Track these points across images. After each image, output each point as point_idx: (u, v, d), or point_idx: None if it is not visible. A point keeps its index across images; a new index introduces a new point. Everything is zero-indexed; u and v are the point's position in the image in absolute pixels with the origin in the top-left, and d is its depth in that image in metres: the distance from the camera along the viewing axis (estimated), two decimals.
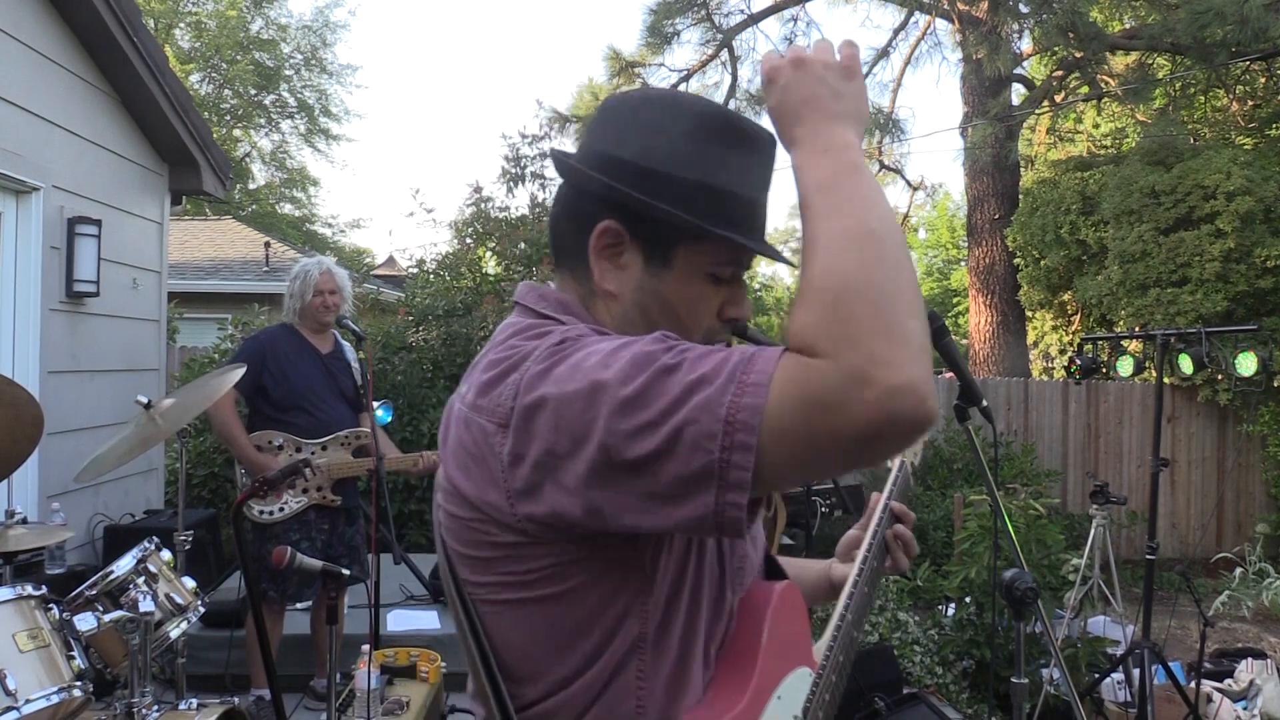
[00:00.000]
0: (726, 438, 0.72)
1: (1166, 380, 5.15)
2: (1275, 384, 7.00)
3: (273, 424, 3.64)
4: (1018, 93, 11.33)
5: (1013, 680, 2.65)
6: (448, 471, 0.95)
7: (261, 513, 3.58)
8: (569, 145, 11.81)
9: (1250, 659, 4.40)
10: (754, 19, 11.26)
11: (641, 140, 0.97)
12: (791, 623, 1.03)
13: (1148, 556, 3.80)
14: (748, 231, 0.98)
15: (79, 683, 2.24)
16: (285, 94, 23.24)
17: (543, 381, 0.83)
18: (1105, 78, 10.14)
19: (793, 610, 1.04)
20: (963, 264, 18.21)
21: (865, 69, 11.02)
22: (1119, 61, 10.43)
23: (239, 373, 3.06)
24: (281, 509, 3.59)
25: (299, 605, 3.93)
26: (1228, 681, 4.31)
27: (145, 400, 2.85)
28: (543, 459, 0.82)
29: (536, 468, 0.83)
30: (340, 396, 3.76)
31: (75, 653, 2.31)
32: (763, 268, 24.42)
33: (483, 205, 7.41)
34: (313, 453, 3.63)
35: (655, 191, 0.94)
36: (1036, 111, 11.03)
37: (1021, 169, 11.03)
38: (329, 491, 3.65)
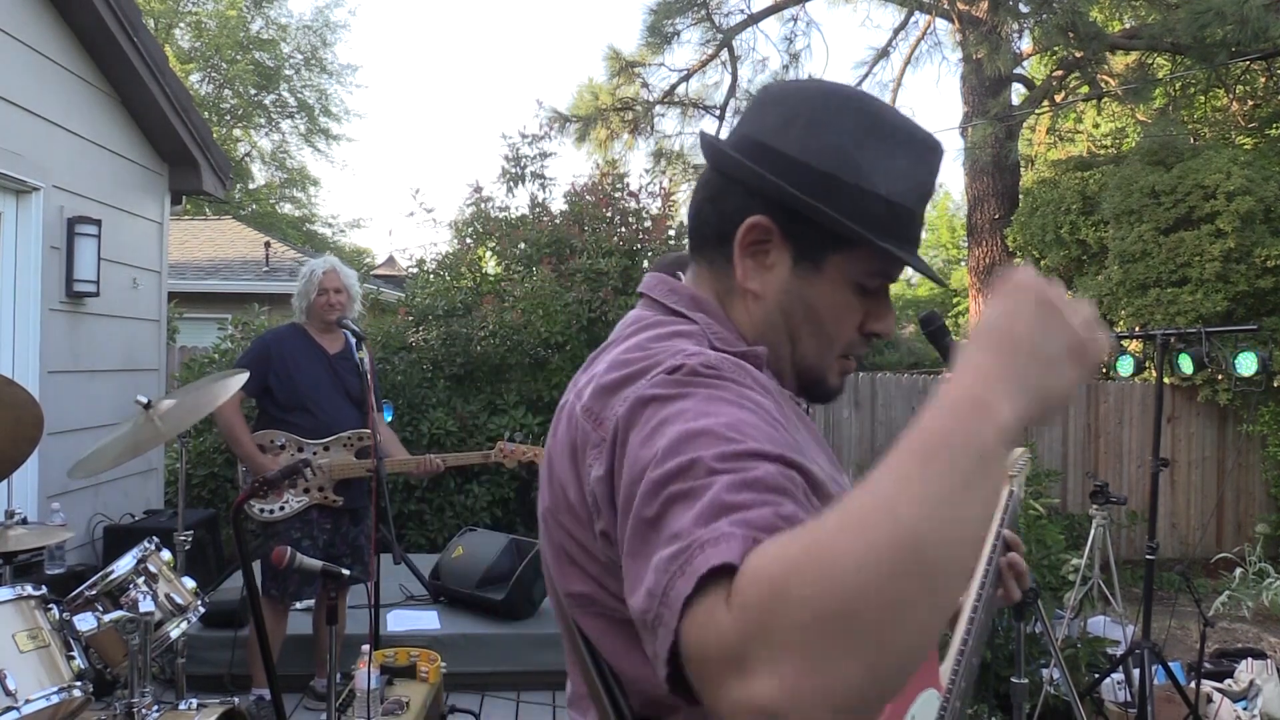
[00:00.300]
0: (660, 609, 0.64)
1: (1166, 380, 5.15)
2: (1275, 384, 7.00)
3: (277, 424, 3.66)
4: (1018, 93, 11.33)
5: (1013, 680, 2.64)
6: (555, 469, 0.90)
7: (262, 511, 3.60)
8: (568, 145, 11.82)
9: (1250, 659, 4.39)
10: (754, 19, 11.26)
11: (806, 135, 0.90)
12: None
13: (1148, 556, 3.80)
14: (904, 243, 0.91)
15: (79, 683, 2.24)
16: (285, 94, 23.25)
17: (637, 420, 0.77)
18: (1105, 78, 10.14)
19: None
20: (963, 264, 18.22)
21: (865, 69, 10.90)
22: (1119, 61, 10.43)
23: (241, 378, 3.06)
24: (282, 508, 3.61)
25: (298, 605, 3.93)
26: (1228, 682, 4.31)
27: (145, 400, 2.85)
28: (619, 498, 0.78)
29: (611, 494, 0.79)
30: (346, 397, 3.76)
31: (75, 653, 2.31)
32: None
33: (483, 205, 7.40)
34: (315, 453, 3.64)
35: (816, 192, 0.88)
36: (1036, 111, 11.03)
37: (1021, 169, 11.02)
38: (331, 492, 3.65)
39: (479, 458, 3.88)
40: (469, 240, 7.30)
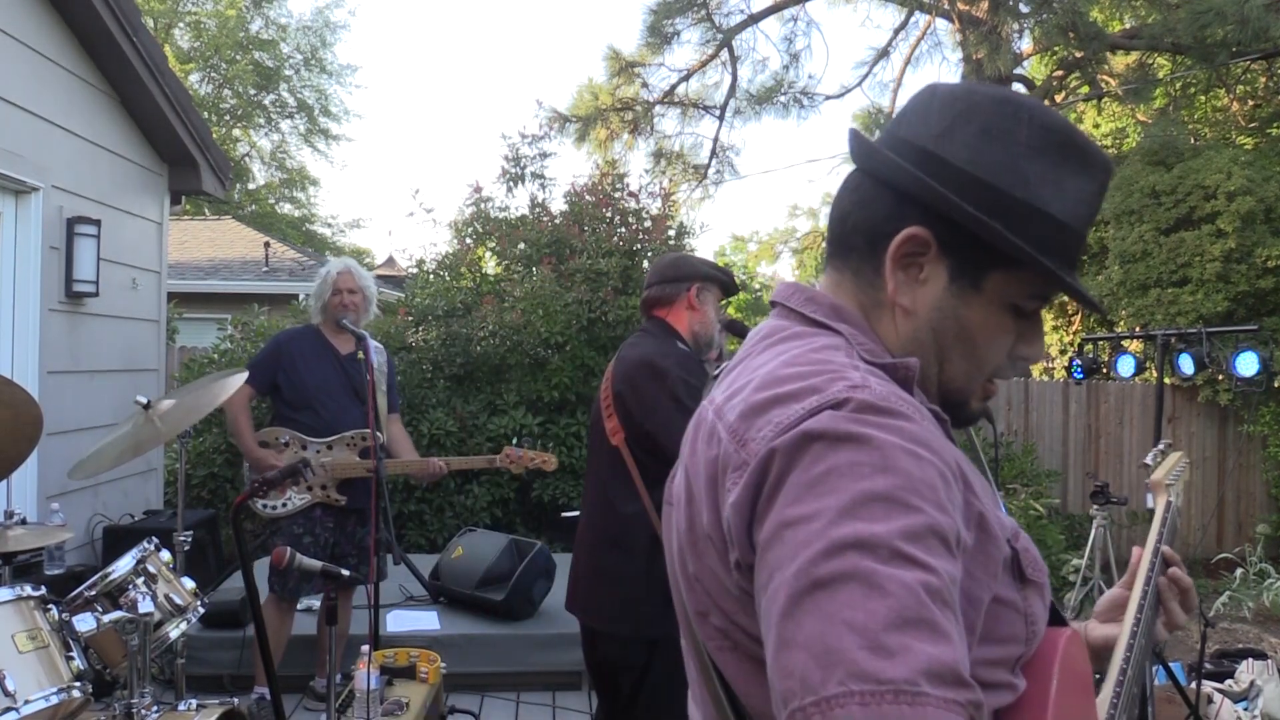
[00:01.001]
0: (810, 710, 0.63)
1: (1167, 380, 5.15)
2: (1275, 384, 7.00)
3: (287, 421, 3.70)
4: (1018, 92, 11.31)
5: None
6: (694, 490, 0.85)
7: (265, 506, 3.64)
8: (567, 145, 11.81)
9: (1251, 659, 4.39)
10: (754, 19, 11.25)
11: (975, 144, 0.84)
12: (1080, 674, 0.90)
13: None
14: (1068, 267, 0.85)
15: (78, 683, 2.24)
16: (285, 94, 23.24)
17: (800, 458, 0.72)
18: (1105, 78, 10.14)
19: (1080, 660, 0.91)
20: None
21: (865, 69, 10.92)
22: (1119, 61, 10.43)
23: (240, 378, 3.10)
24: (285, 504, 3.64)
25: (300, 606, 3.93)
26: (1228, 682, 4.31)
27: (144, 401, 2.84)
28: (763, 535, 0.74)
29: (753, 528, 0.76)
30: (355, 397, 3.77)
31: (74, 653, 2.31)
32: (763, 267, 24.42)
33: (482, 205, 7.40)
34: (318, 451, 3.66)
35: (982, 206, 0.82)
36: None
37: None
38: (333, 491, 3.67)
39: (484, 462, 3.87)
40: (469, 240, 7.30)
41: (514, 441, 3.91)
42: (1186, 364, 4.46)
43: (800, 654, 0.64)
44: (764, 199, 57.44)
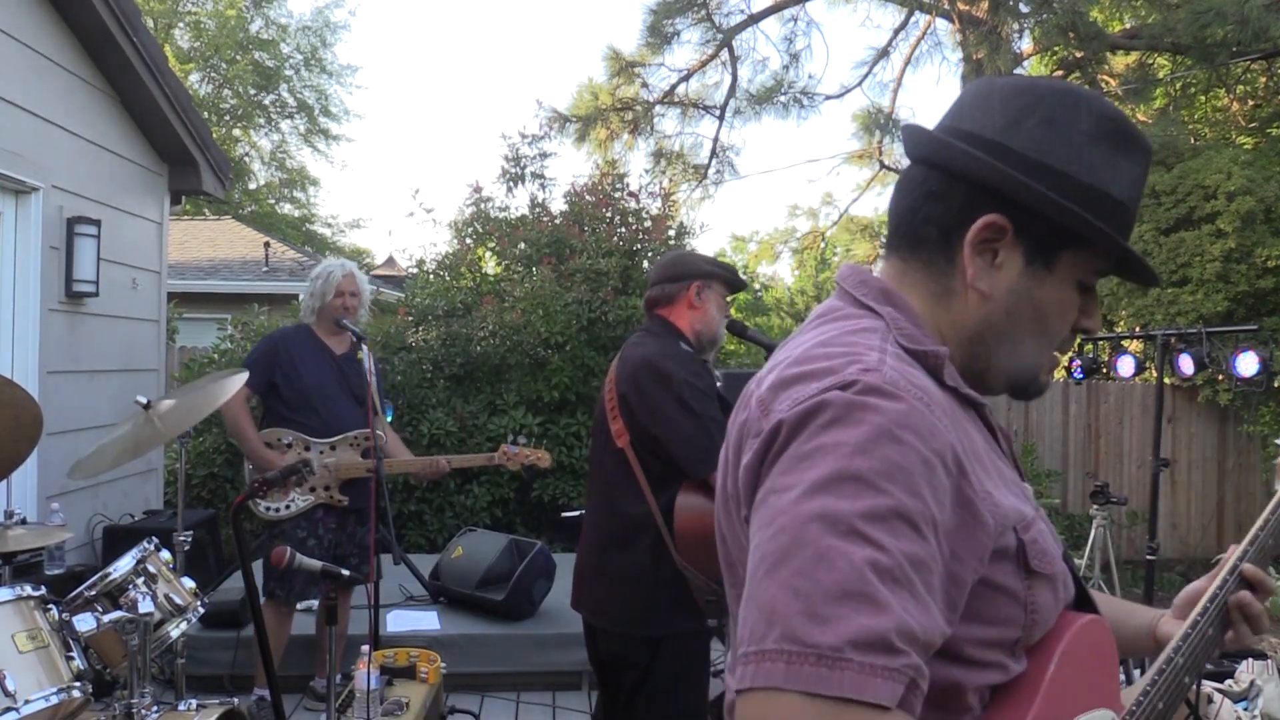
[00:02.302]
0: (752, 660, 0.72)
1: (1167, 380, 5.15)
2: (1275, 384, 7.00)
3: (285, 422, 3.67)
4: None
5: None
6: (728, 450, 0.92)
7: (268, 509, 3.61)
8: (567, 145, 11.81)
9: (1251, 659, 4.39)
10: (754, 19, 11.25)
11: (1040, 133, 0.89)
12: (1093, 660, 0.92)
13: (1148, 557, 3.79)
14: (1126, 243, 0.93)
15: (78, 683, 2.24)
16: (285, 94, 23.22)
17: (800, 431, 0.79)
18: (1105, 78, 10.14)
19: (1096, 647, 0.93)
20: None
21: (865, 69, 10.90)
22: (1119, 61, 10.43)
23: (241, 378, 3.05)
24: (287, 506, 3.61)
25: (300, 606, 3.93)
26: (1228, 682, 4.30)
27: (144, 400, 2.84)
28: (763, 492, 0.80)
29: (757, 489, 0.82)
30: (352, 397, 3.77)
31: (74, 653, 2.31)
32: (763, 267, 24.43)
33: (482, 205, 7.40)
34: (321, 452, 3.65)
35: (1057, 192, 0.87)
36: None
37: None
38: (336, 491, 3.66)
39: (483, 460, 3.88)
40: (469, 240, 7.30)
41: (510, 439, 3.92)
42: (1186, 364, 4.46)
43: (754, 609, 0.73)
44: (764, 199, 57.43)
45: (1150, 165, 0.95)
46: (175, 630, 2.60)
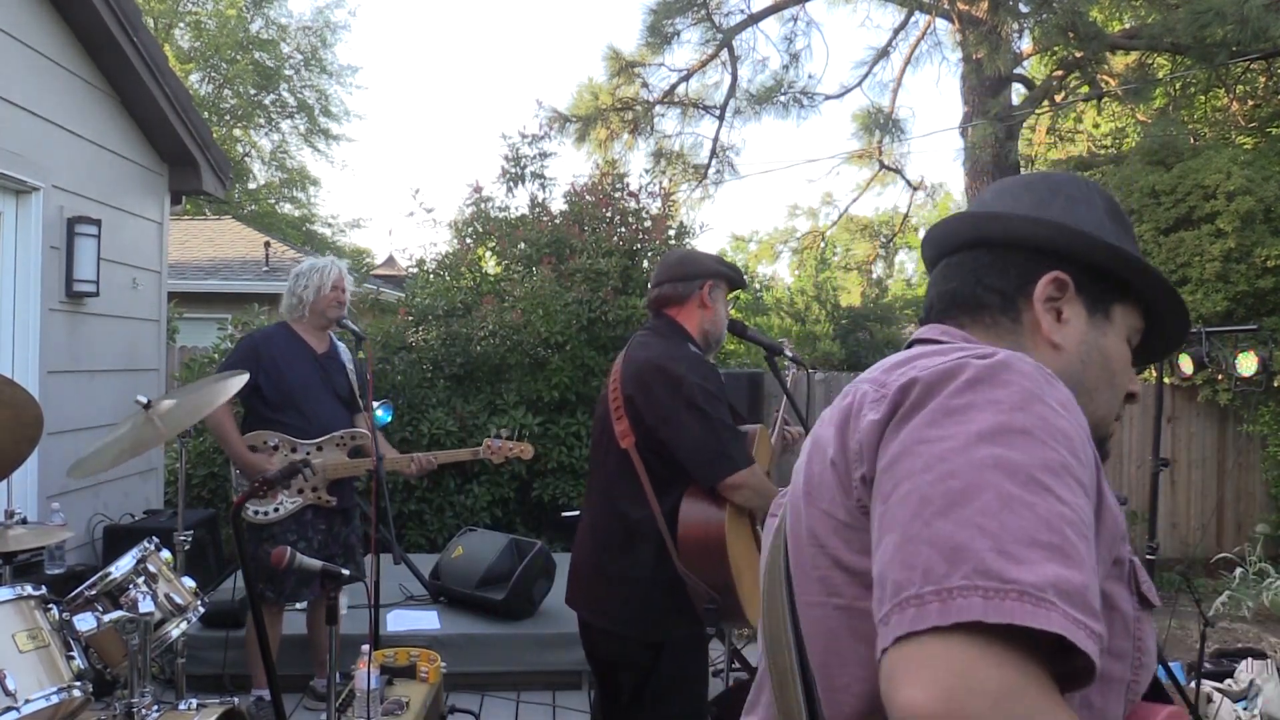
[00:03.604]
0: (931, 599, 0.64)
1: (1166, 380, 5.15)
2: (1275, 384, 6.99)
3: (267, 424, 3.61)
4: (1018, 93, 11.32)
5: None
6: (813, 457, 0.89)
7: (256, 513, 3.56)
8: (567, 145, 11.80)
9: (1250, 659, 4.39)
10: (754, 19, 11.25)
11: (1069, 210, 0.99)
12: None
13: (1148, 556, 3.80)
14: None
15: (79, 683, 2.24)
16: (285, 94, 23.22)
17: (943, 385, 0.76)
18: (1105, 78, 10.14)
19: None
20: None
21: (865, 69, 10.91)
22: (1119, 61, 10.43)
23: (241, 379, 3.01)
24: (276, 509, 3.58)
25: (296, 605, 3.93)
26: (1228, 682, 4.31)
27: (145, 400, 2.84)
28: (900, 448, 0.75)
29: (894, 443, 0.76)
30: (335, 397, 3.75)
31: (75, 653, 2.31)
32: (762, 267, 24.43)
33: (483, 205, 7.40)
34: (308, 453, 3.62)
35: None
36: (1036, 111, 11.03)
37: (1021, 169, 11.02)
38: (324, 492, 3.64)
39: (468, 454, 3.87)
40: (469, 240, 7.30)
41: (493, 433, 3.93)
42: (1186, 364, 4.47)
43: (926, 548, 0.65)
44: (764, 199, 57.43)
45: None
46: (175, 630, 2.60)
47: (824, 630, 0.83)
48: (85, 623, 2.40)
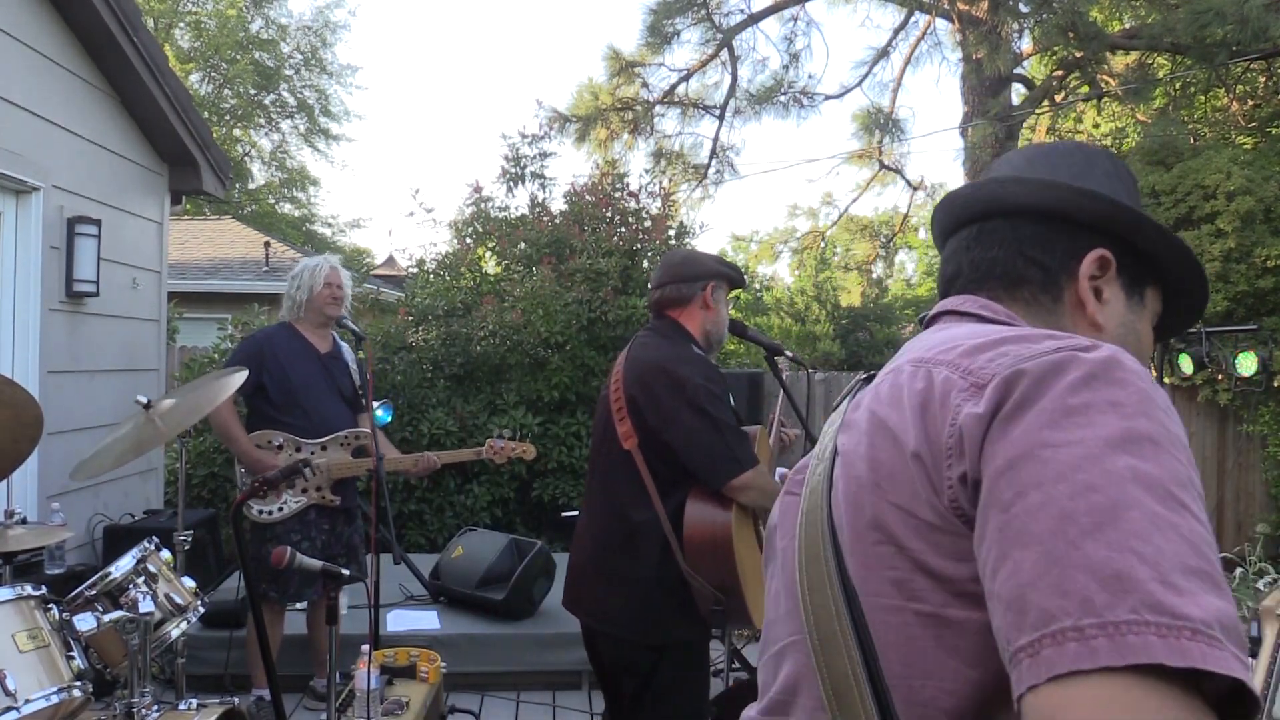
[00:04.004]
0: (1094, 634, 0.59)
1: (1166, 380, 5.15)
2: (1275, 384, 7.00)
3: (271, 423, 3.62)
4: (1018, 93, 11.33)
5: None
6: (877, 438, 0.81)
7: (261, 512, 3.57)
8: (567, 145, 11.80)
9: (1251, 659, 4.39)
10: (754, 19, 11.26)
11: (1108, 184, 0.96)
12: None
13: None
14: None
15: (79, 683, 2.24)
16: (285, 94, 23.23)
17: (1056, 378, 0.70)
18: (1105, 78, 10.14)
19: None
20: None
21: (865, 69, 10.92)
22: (1119, 61, 10.43)
23: (241, 376, 3.01)
24: (280, 509, 3.58)
25: (297, 605, 3.93)
26: None
27: (145, 400, 2.84)
28: (1016, 455, 0.68)
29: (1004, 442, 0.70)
30: (339, 396, 3.76)
31: (75, 653, 2.31)
32: (762, 267, 24.44)
33: (483, 205, 7.40)
34: (312, 452, 3.62)
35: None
36: (1036, 111, 11.03)
37: None
38: (328, 491, 3.64)
39: (470, 454, 3.88)
40: (469, 240, 7.31)
41: (495, 434, 3.93)
42: (1186, 363, 4.46)
43: (1080, 574, 0.60)
44: (764, 199, 57.45)
45: None
46: (175, 630, 2.60)
47: (902, 638, 0.76)
48: (85, 623, 2.40)
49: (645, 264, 6.73)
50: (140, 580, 2.53)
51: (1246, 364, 4.89)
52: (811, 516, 0.87)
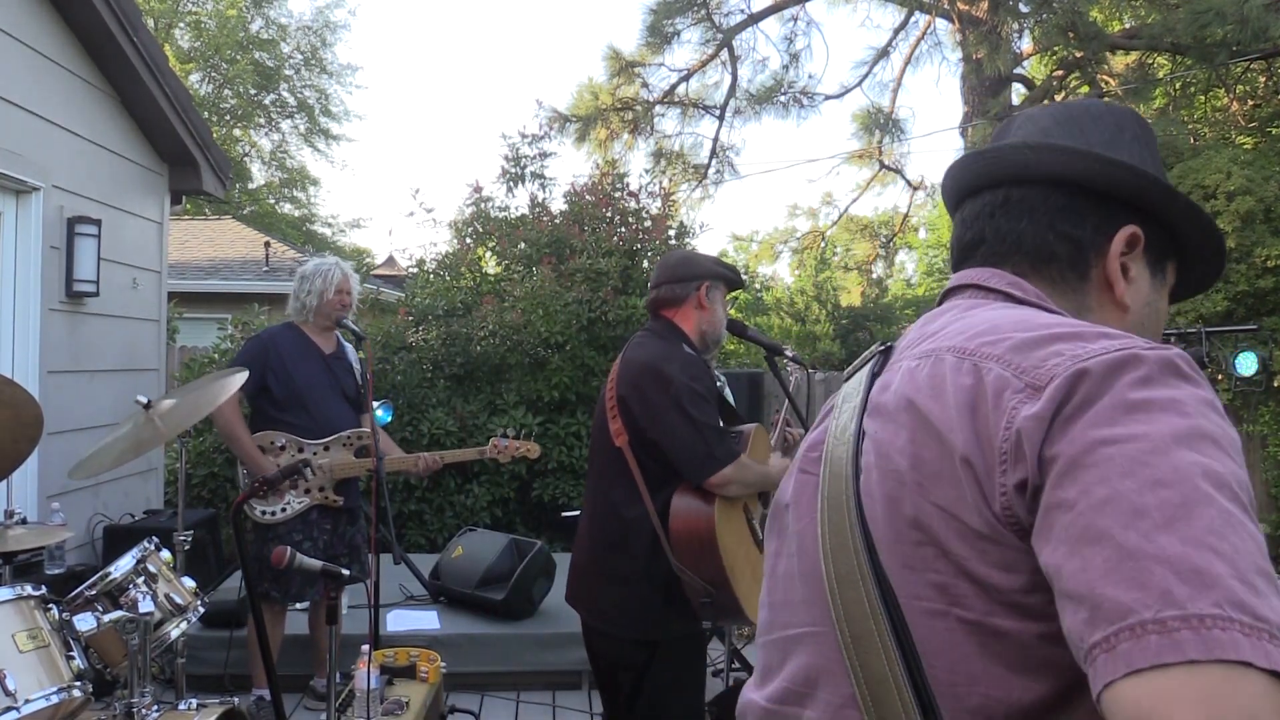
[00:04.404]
0: (1176, 626, 0.57)
1: None
2: (1275, 384, 7.00)
3: (275, 423, 3.62)
4: (1018, 93, 11.33)
5: None
6: (927, 419, 0.77)
7: (264, 513, 3.57)
8: (567, 145, 11.80)
9: None
10: (754, 19, 11.26)
11: (1137, 151, 0.91)
12: None
13: None
14: None
15: (78, 683, 2.24)
16: (285, 94, 23.23)
17: (1117, 379, 0.67)
18: (1105, 78, 10.14)
19: None
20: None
21: (865, 69, 10.95)
22: (1119, 61, 10.44)
23: (242, 377, 3.01)
24: (284, 509, 3.58)
25: (298, 605, 3.93)
26: None
27: (145, 400, 2.84)
28: (1077, 454, 0.66)
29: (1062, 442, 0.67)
30: (343, 396, 3.76)
31: (75, 653, 2.31)
32: (762, 267, 24.45)
33: (483, 205, 7.40)
34: (315, 453, 3.63)
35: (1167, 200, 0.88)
36: None
37: None
38: (331, 492, 3.65)
39: (474, 454, 3.88)
40: (469, 240, 7.31)
41: (499, 433, 3.93)
42: None
43: (1157, 566, 0.58)
44: (764, 199, 57.48)
45: None
46: (175, 630, 2.60)
47: (946, 643, 0.73)
48: (85, 623, 2.40)
49: (645, 264, 6.73)
50: (140, 580, 2.53)
51: (1246, 364, 4.89)
52: (835, 502, 0.83)
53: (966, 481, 0.72)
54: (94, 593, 2.47)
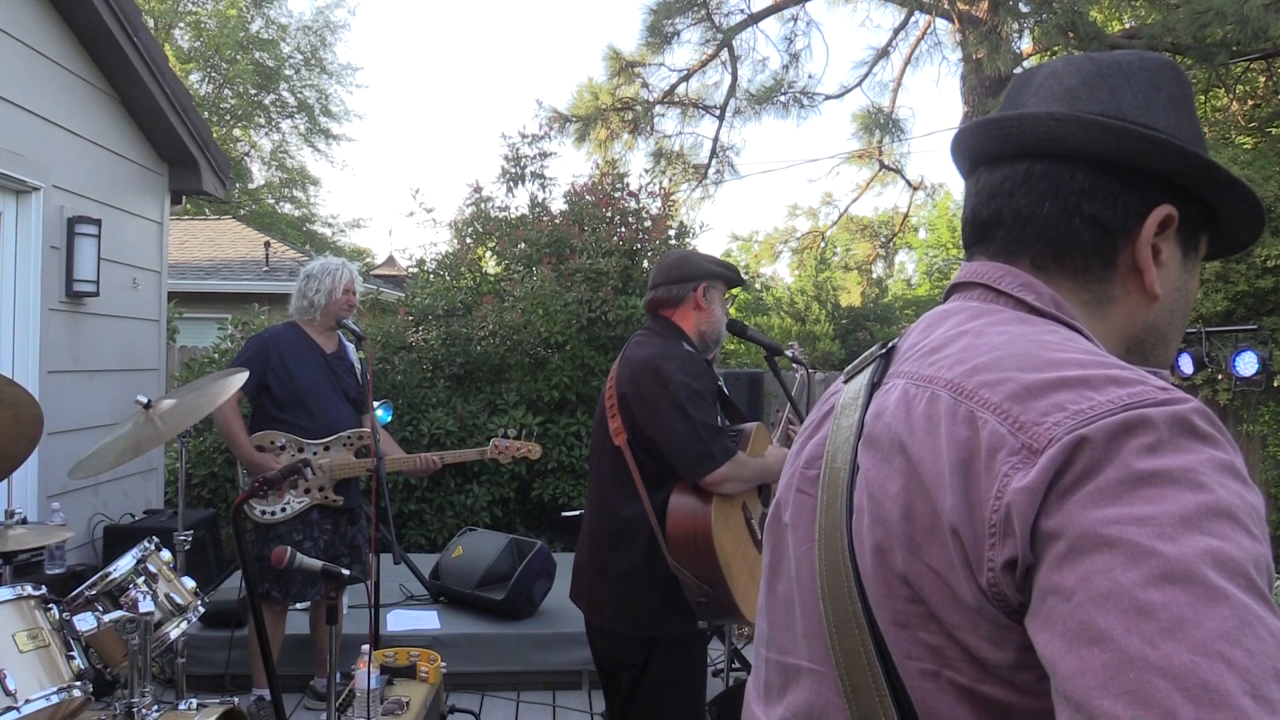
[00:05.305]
0: None
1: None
2: (1275, 384, 7.00)
3: (275, 423, 3.62)
4: None
5: None
6: (917, 468, 0.72)
7: (264, 513, 3.57)
8: (567, 145, 11.80)
9: None
10: (754, 19, 11.25)
11: (1171, 114, 0.81)
12: None
13: None
14: None
15: (79, 683, 2.24)
16: (285, 94, 23.22)
17: (1119, 449, 0.62)
18: None
19: None
20: (963, 263, 18.20)
21: (865, 69, 10.93)
22: None
23: (242, 377, 3.01)
24: (284, 509, 3.59)
25: (298, 605, 3.93)
26: None
27: (145, 400, 2.84)
28: (1075, 542, 0.61)
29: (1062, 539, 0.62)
30: (344, 396, 3.77)
31: (75, 653, 2.31)
32: (763, 267, 24.45)
33: (483, 205, 7.41)
34: (315, 453, 3.63)
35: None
36: None
37: None
38: (331, 491, 3.65)
39: (475, 454, 3.88)
40: (469, 240, 7.31)
41: (500, 433, 3.94)
42: (1186, 364, 4.46)
43: (1160, 681, 0.54)
44: (764, 199, 57.49)
45: None
46: (175, 630, 2.61)
47: (940, 703, 0.71)
48: (85, 623, 2.41)
49: (645, 264, 6.74)
50: (140, 580, 2.53)
51: (1246, 364, 4.89)
52: (831, 538, 0.79)
53: (955, 550, 0.68)
54: (94, 593, 2.47)
